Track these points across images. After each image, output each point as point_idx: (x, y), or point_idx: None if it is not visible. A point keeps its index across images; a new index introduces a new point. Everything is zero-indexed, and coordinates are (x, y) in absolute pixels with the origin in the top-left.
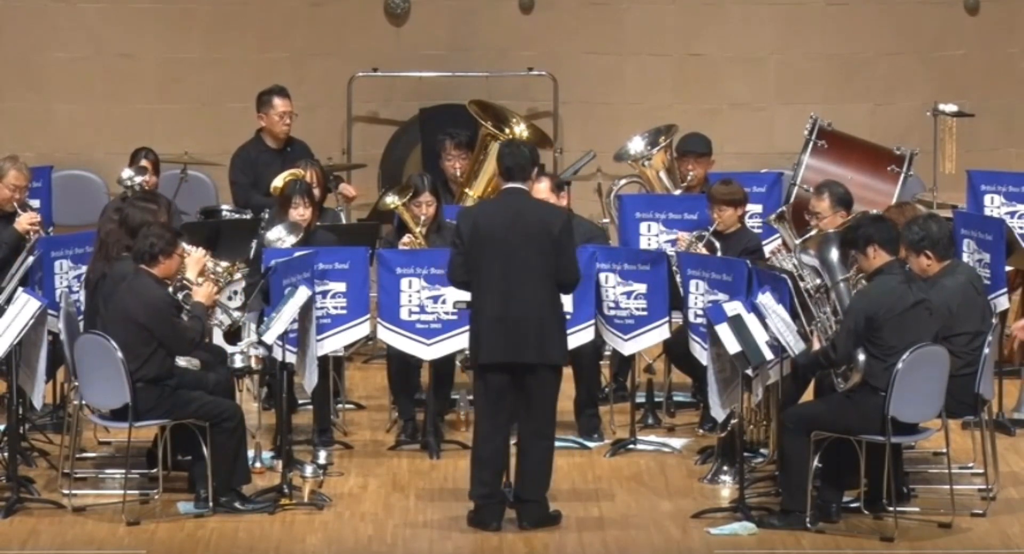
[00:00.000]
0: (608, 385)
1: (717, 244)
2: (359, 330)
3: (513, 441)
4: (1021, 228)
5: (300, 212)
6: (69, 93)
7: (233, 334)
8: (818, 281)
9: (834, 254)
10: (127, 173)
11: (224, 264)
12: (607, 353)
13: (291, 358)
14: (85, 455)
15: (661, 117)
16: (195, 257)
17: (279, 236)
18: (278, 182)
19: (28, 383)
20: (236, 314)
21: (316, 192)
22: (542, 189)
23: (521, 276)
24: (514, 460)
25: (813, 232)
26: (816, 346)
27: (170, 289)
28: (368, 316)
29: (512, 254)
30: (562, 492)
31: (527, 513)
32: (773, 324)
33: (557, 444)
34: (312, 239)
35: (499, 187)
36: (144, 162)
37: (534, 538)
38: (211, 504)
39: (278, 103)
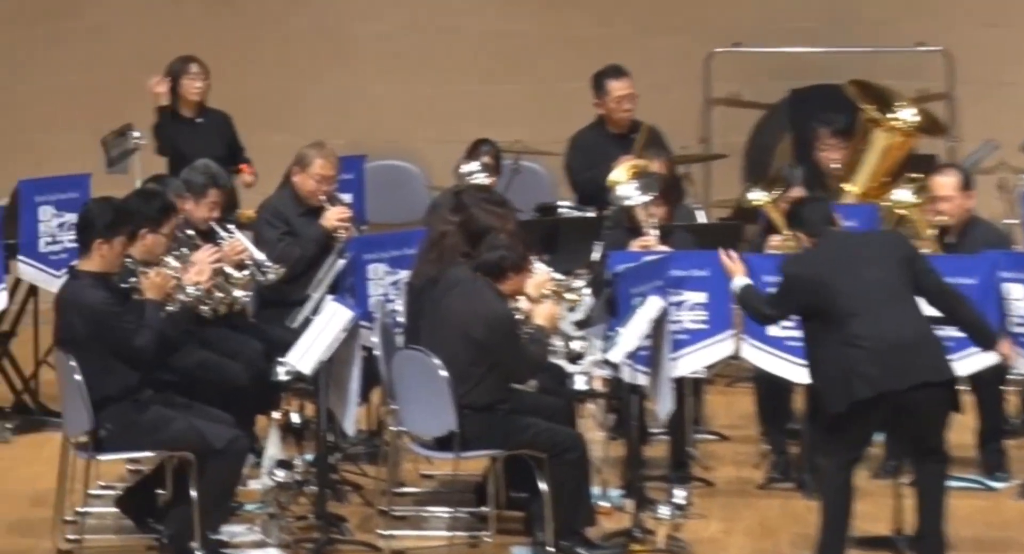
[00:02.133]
0: (1020, 416)
1: None
2: (721, 348)
3: (908, 480)
4: None
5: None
6: (384, 72)
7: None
8: None
9: None
10: (471, 166)
11: (574, 284)
12: (1013, 376)
13: (642, 380)
14: (404, 490)
15: None
16: (540, 277)
17: (628, 193)
18: (619, 175)
19: (339, 406)
20: (576, 344)
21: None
22: (947, 184)
23: (884, 299)
24: (910, 502)
25: None
26: None
27: None
28: (732, 331)
29: (867, 279)
30: (964, 541)
31: (927, 549)
32: None
33: (957, 484)
34: (667, 241)
35: (883, 183)
36: (486, 158)
37: None
38: (551, 548)
39: (614, 86)
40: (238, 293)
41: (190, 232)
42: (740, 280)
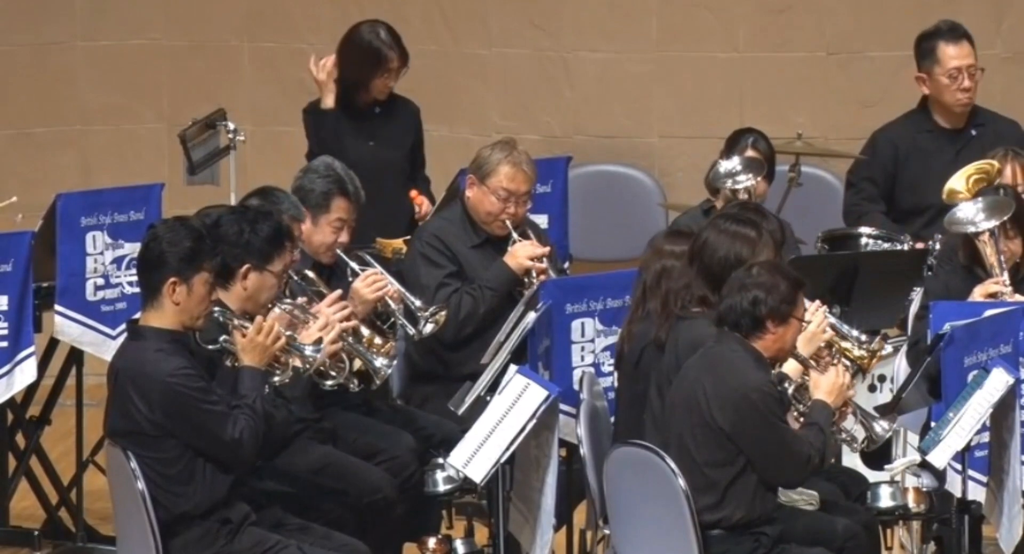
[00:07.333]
0: None
1: None
2: None
3: None
4: None
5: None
6: (596, 36)
7: None
8: None
9: None
10: (731, 165)
11: (864, 339)
12: None
13: (978, 493)
14: None
15: None
16: (816, 328)
17: (967, 215)
18: (957, 184)
19: (524, 530)
20: (881, 427)
21: None
22: None
23: None
24: None
25: None
26: None
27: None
28: None
29: None
30: None
31: None
32: None
33: None
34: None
35: None
36: (751, 152)
37: None
38: None
39: (947, 53)
40: (380, 362)
41: (309, 274)
42: None
